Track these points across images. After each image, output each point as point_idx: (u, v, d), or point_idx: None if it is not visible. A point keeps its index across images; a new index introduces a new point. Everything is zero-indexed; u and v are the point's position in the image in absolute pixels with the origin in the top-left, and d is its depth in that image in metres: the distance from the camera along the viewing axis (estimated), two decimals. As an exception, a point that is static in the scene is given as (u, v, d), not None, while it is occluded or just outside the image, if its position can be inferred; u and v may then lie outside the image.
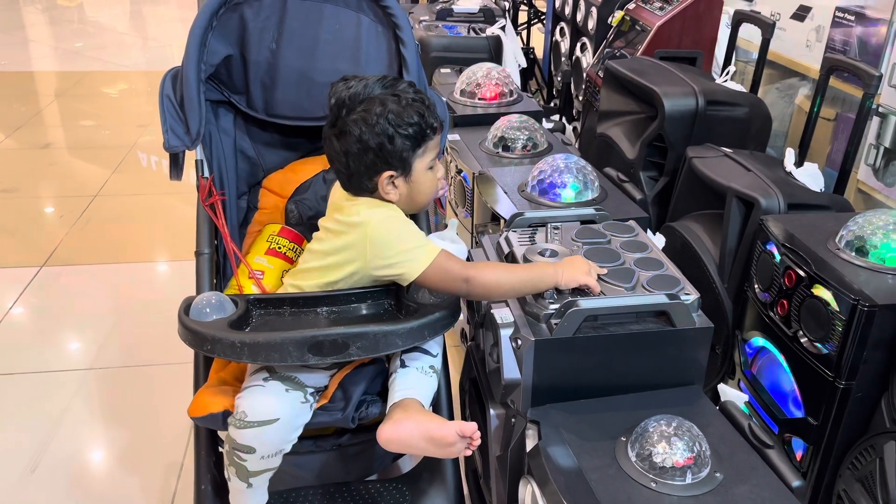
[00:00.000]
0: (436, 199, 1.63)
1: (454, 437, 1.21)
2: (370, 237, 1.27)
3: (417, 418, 1.25)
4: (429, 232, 1.55)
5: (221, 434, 1.42)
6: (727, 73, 2.32)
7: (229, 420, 1.25)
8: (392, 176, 1.29)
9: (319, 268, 1.35)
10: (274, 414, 1.23)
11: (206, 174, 1.53)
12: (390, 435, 1.24)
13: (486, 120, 2.31)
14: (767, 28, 2.19)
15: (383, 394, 1.38)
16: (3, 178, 3.64)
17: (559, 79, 3.63)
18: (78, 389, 2.17)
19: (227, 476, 1.31)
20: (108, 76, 5.54)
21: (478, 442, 1.23)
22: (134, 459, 1.93)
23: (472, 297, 1.30)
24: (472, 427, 1.21)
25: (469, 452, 1.25)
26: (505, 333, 1.26)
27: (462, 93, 2.53)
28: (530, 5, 4.44)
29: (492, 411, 1.37)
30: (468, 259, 1.53)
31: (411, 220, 1.34)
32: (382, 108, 1.25)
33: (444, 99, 1.72)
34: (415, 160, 1.29)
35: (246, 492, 1.30)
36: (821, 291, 1.40)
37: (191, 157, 1.53)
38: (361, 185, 1.31)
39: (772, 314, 1.56)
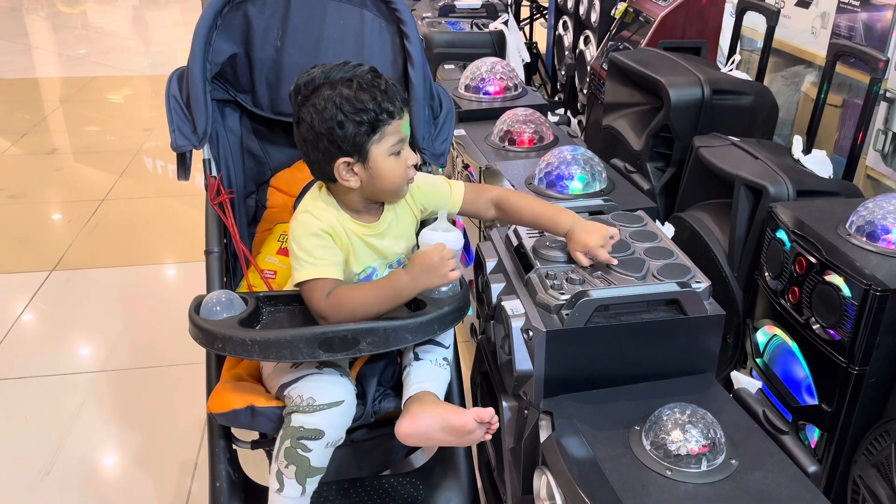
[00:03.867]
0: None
1: (473, 424, 1.22)
2: (291, 225, 1.30)
3: (434, 410, 1.25)
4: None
5: (236, 432, 1.43)
6: (732, 62, 2.31)
7: (292, 408, 1.25)
8: (348, 163, 1.24)
9: None
10: (340, 396, 1.26)
11: (214, 173, 1.53)
12: (409, 429, 1.24)
13: (492, 114, 2.31)
14: (772, 16, 2.17)
15: (395, 387, 1.38)
16: (10, 185, 3.66)
17: (563, 72, 3.62)
18: (90, 392, 2.18)
19: (275, 487, 1.26)
20: (113, 81, 5.55)
21: (496, 426, 1.23)
22: (148, 459, 1.93)
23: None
24: (489, 412, 1.22)
25: (489, 437, 1.25)
26: (516, 325, 1.25)
27: (467, 88, 2.53)
28: (532, 0, 4.43)
29: (504, 403, 1.37)
30: (468, 250, 1.52)
31: (328, 233, 1.28)
32: (331, 93, 1.21)
33: (450, 95, 1.71)
34: (371, 146, 1.23)
35: (299, 500, 1.27)
36: (832, 277, 1.40)
37: (197, 157, 1.53)
38: (323, 172, 1.28)
39: (783, 301, 1.55)
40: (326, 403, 1.24)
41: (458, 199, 1.43)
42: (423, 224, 1.45)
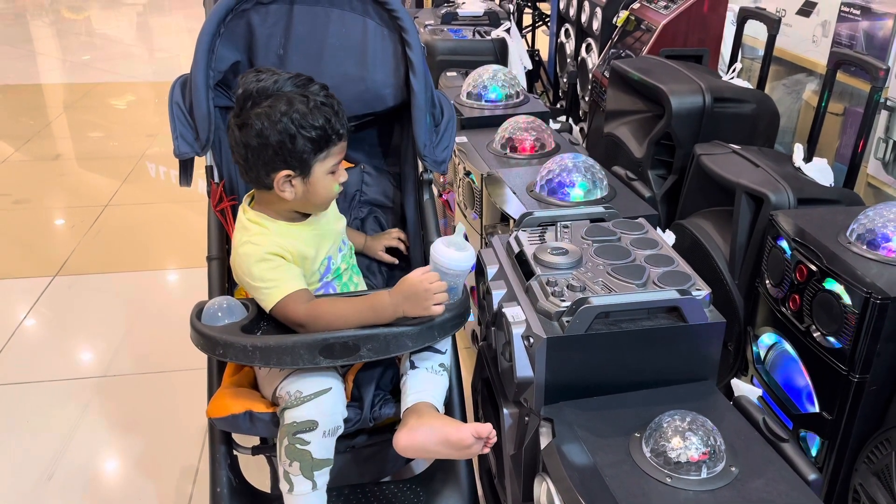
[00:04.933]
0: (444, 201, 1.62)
1: (471, 439, 1.22)
2: (234, 263, 1.34)
3: (432, 424, 1.26)
4: (439, 235, 1.55)
5: (237, 438, 1.43)
6: (733, 71, 2.32)
7: (283, 406, 1.26)
8: (289, 175, 1.28)
9: None
10: (326, 384, 1.27)
11: (217, 180, 1.54)
12: (407, 442, 1.25)
13: (493, 122, 2.31)
14: (773, 24, 2.18)
15: (395, 391, 1.39)
16: (14, 190, 3.68)
17: (565, 80, 3.63)
18: (92, 397, 2.19)
19: (286, 488, 1.27)
20: (116, 87, 5.58)
21: (494, 440, 1.24)
22: (149, 465, 1.94)
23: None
24: (487, 428, 1.22)
25: (486, 451, 1.26)
26: (517, 332, 1.26)
27: (468, 95, 2.54)
28: (534, 7, 4.45)
29: (505, 410, 1.38)
30: (477, 265, 1.53)
31: (274, 254, 1.30)
32: (288, 107, 1.25)
33: (452, 101, 1.72)
34: (315, 163, 1.29)
35: (312, 495, 1.28)
36: (833, 285, 1.40)
37: (200, 163, 1.54)
38: (259, 179, 1.31)
39: (784, 309, 1.55)
40: (314, 393, 1.25)
41: None
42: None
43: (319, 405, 1.25)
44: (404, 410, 1.30)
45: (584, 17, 3.34)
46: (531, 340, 1.23)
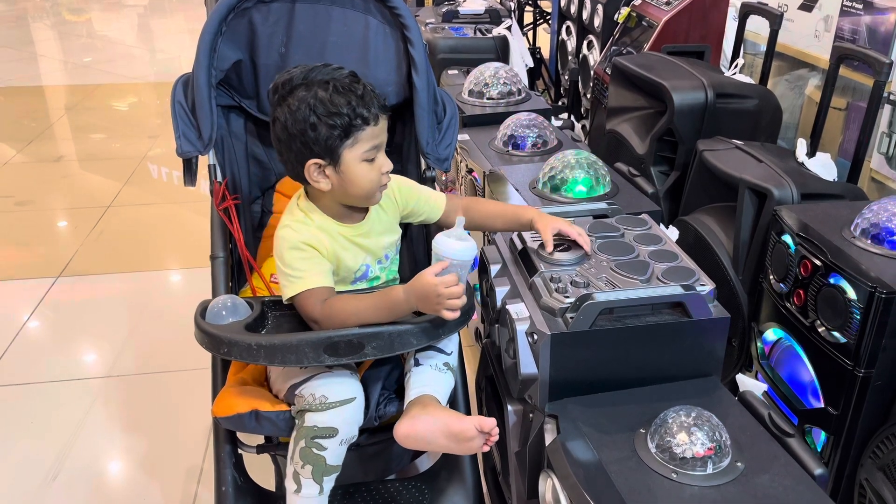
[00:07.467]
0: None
1: (473, 431, 1.21)
2: (274, 239, 1.32)
3: (435, 413, 1.25)
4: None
5: (241, 436, 1.43)
6: (736, 66, 2.32)
7: (304, 407, 1.25)
8: (319, 164, 1.25)
9: None
10: (351, 393, 1.26)
11: (220, 179, 1.54)
12: (408, 430, 1.24)
13: (495, 119, 2.31)
14: (775, 19, 2.18)
15: (399, 391, 1.39)
16: (17, 192, 3.68)
17: (566, 77, 3.62)
18: (96, 397, 2.19)
19: (292, 488, 1.27)
20: (118, 89, 5.58)
21: (496, 437, 1.23)
22: (154, 465, 1.94)
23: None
24: (490, 422, 1.21)
25: (487, 448, 1.25)
26: (521, 329, 1.26)
27: (470, 93, 2.53)
28: (535, 5, 4.44)
29: (509, 407, 1.37)
30: (479, 259, 1.53)
31: (310, 245, 1.28)
32: (306, 94, 1.22)
33: (454, 100, 1.72)
34: (343, 150, 1.24)
35: (317, 499, 1.27)
36: (837, 280, 1.39)
37: (203, 163, 1.54)
38: (296, 172, 1.29)
39: (788, 304, 1.55)
40: (339, 401, 1.25)
41: (440, 206, 1.47)
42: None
43: (342, 413, 1.25)
44: (408, 402, 1.29)
45: (585, 15, 3.34)
46: (535, 337, 1.23)
